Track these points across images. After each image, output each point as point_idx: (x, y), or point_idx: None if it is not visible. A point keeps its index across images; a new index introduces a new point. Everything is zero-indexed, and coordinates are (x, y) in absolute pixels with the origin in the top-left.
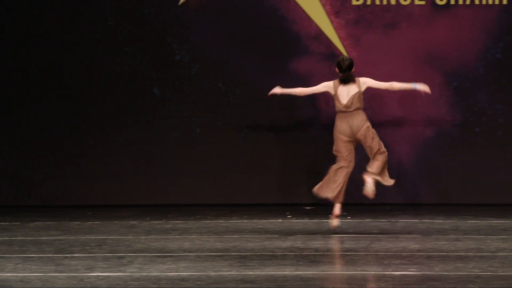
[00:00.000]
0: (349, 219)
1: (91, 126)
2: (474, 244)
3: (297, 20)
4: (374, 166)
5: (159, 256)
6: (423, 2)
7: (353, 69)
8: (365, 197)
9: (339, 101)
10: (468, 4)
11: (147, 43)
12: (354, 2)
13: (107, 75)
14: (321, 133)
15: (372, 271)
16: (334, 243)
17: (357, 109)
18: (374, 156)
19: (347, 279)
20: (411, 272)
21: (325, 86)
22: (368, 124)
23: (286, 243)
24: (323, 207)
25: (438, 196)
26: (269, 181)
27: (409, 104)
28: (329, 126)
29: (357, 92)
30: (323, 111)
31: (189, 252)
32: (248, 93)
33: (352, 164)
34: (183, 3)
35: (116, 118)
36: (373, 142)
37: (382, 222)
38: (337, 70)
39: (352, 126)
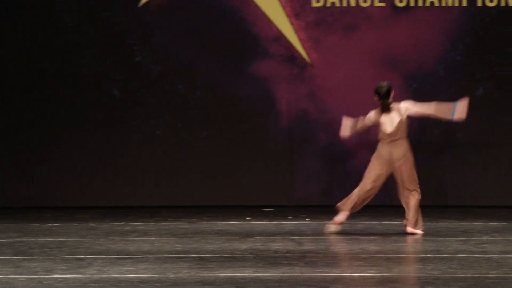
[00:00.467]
0: (308, 220)
1: (50, 128)
2: (433, 246)
3: (257, 22)
4: (411, 216)
5: (118, 258)
6: (383, 4)
7: (391, 95)
8: (325, 199)
9: (382, 129)
10: (428, 6)
11: (108, 44)
12: (314, 4)
13: (67, 77)
14: (280, 135)
15: (331, 273)
16: (294, 245)
17: (401, 138)
18: (407, 198)
19: (307, 281)
20: (370, 273)
21: (369, 119)
22: (408, 156)
23: (246, 245)
24: (283, 209)
25: (397, 198)
26: (229, 183)
27: (368, 105)
28: (288, 128)
29: (400, 121)
30: (283, 114)
31: (149, 254)
32: (208, 95)
33: (375, 192)
34: (144, 4)
35: (76, 120)
36: (407, 177)
37: (342, 224)
38: (376, 98)
39: (393, 154)
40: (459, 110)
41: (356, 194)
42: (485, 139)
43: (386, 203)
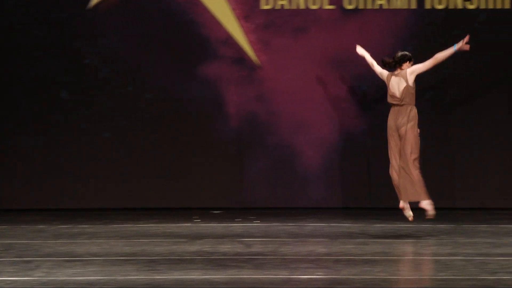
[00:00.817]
0: (257, 223)
1: None
2: (381, 248)
3: (206, 24)
4: (419, 189)
5: (67, 261)
6: (332, 7)
7: (406, 64)
8: (274, 201)
9: (389, 93)
10: (377, 9)
11: (56, 47)
12: (263, 6)
13: (16, 79)
14: (229, 137)
15: (279, 275)
16: (242, 247)
17: (407, 104)
18: (408, 171)
19: (255, 283)
20: (318, 275)
21: (382, 73)
22: (412, 123)
23: (194, 247)
24: (231, 211)
25: (346, 200)
26: (178, 185)
27: (317, 107)
28: (237, 130)
29: (406, 86)
30: (232, 117)
31: (97, 256)
32: (158, 97)
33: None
34: (92, 7)
35: (24, 122)
36: (411, 145)
37: (290, 226)
38: (389, 61)
39: (397, 119)
40: (460, 44)
41: (398, 182)
42: (436, 140)
43: (337, 205)
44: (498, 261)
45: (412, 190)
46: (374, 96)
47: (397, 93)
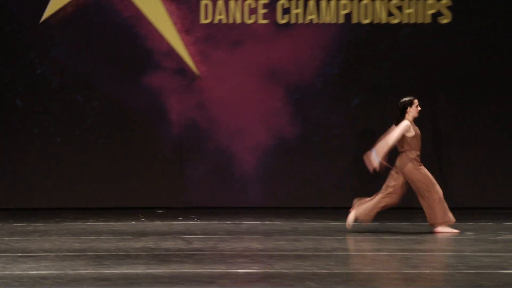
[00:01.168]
0: (197, 221)
1: None
2: (311, 244)
3: (149, 37)
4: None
5: (21, 256)
6: (266, 21)
7: (406, 111)
8: (212, 201)
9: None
10: (308, 23)
11: (11, 57)
12: (202, 21)
13: None
14: (170, 143)
15: (218, 269)
16: (184, 243)
17: (402, 151)
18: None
19: (196, 277)
20: (253, 270)
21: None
22: (409, 167)
23: (139, 243)
24: (173, 211)
25: (279, 200)
26: (124, 187)
27: (253, 115)
28: (178, 136)
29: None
30: (174, 123)
31: (49, 252)
32: (105, 105)
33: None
34: (44, 20)
35: None
36: (416, 184)
37: (228, 224)
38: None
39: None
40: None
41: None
42: (359, 145)
43: (271, 204)
44: (419, 256)
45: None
46: (305, 105)
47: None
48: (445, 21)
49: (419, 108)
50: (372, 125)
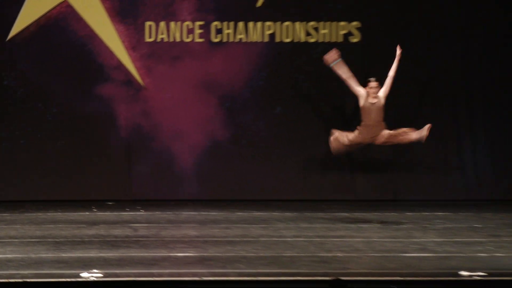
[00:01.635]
0: (142, 212)
1: None
2: (241, 231)
3: (101, 53)
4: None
5: None
6: (202, 40)
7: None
8: (156, 194)
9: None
10: (238, 42)
11: None
12: (147, 39)
13: None
14: (119, 144)
15: (160, 253)
16: (131, 231)
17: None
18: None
19: (141, 260)
20: (191, 254)
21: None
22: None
23: (92, 231)
24: (122, 203)
25: (212, 194)
26: (79, 181)
27: (190, 121)
28: (126, 138)
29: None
30: (122, 127)
31: (14, 238)
32: (62, 112)
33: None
34: (11, 38)
35: None
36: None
37: (168, 214)
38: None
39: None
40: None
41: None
42: (281, 147)
43: (207, 198)
44: (333, 242)
45: None
46: (235, 112)
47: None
48: (354, 40)
49: (373, 90)
50: (292, 129)
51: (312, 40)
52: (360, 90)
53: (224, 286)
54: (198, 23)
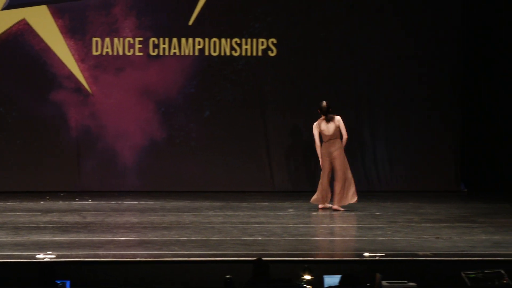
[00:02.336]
0: (90, 201)
1: None
2: (175, 218)
3: (54, 64)
4: (336, 195)
5: None
6: (141, 53)
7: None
8: (102, 186)
9: (324, 133)
10: (172, 55)
11: None
12: (94, 53)
13: None
14: (70, 143)
15: (105, 237)
16: (80, 218)
17: (336, 138)
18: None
19: (89, 243)
20: (132, 237)
21: (316, 129)
22: (341, 150)
23: (46, 218)
24: (72, 194)
25: (151, 186)
26: (34, 175)
27: (131, 123)
28: (76, 138)
29: (336, 127)
30: (73, 128)
31: None
32: (22, 115)
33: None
34: None
35: None
36: (339, 165)
37: (113, 204)
38: (319, 111)
39: (331, 149)
40: None
41: (320, 190)
42: (210, 146)
43: (144, 189)
44: (254, 227)
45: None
46: (170, 115)
47: (330, 132)
48: (272, 54)
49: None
50: (218, 130)
51: (236, 54)
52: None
53: (160, 266)
54: (138, 39)
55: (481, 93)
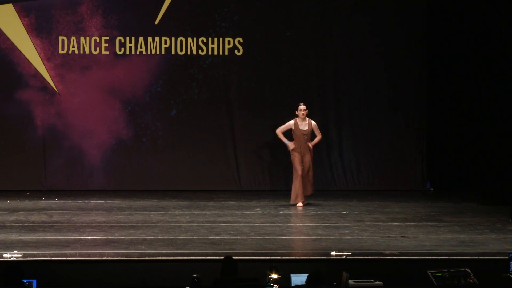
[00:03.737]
0: (56, 200)
1: None
2: (142, 217)
3: (20, 63)
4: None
5: None
6: (107, 52)
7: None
8: (68, 185)
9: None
10: (139, 54)
11: None
12: (60, 52)
13: None
14: (36, 141)
15: (72, 236)
16: (46, 217)
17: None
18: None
19: (55, 242)
20: (99, 237)
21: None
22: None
23: (13, 217)
24: (38, 193)
25: (117, 185)
26: (1, 173)
27: (98, 121)
28: (42, 136)
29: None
30: (39, 127)
31: None
32: None
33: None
34: None
35: None
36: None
37: (79, 202)
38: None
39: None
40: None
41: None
42: (175, 143)
43: (111, 188)
44: (221, 226)
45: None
46: (136, 114)
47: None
48: (238, 53)
49: (302, 112)
50: (185, 129)
51: (202, 53)
52: (288, 124)
53: (127, 265)
54: (104, 37)
55: (446, 92)
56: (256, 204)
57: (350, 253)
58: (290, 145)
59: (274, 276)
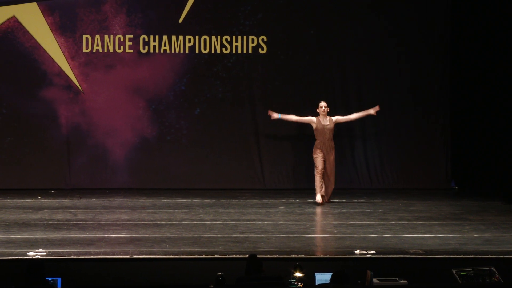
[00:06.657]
0: (80, 198)
1: None
2: (166, 216)
3: (44, 62)
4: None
5: None
6: (131, 51)
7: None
8: (93, 183)
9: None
10: (163, 53)
11: None
12: (84, 50)
13: None
14: (60, 140)
15: (97, 234)
16: (71, 215)
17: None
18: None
19: (80, 240)
20: (123, 235)
21: (311, 120)
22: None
23: (37, 215)
24: (63, 191)
25: (141, 183)
26: (26, 172)
27: (122, 120)
28: (66, 135)
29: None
30: (63, 125)
31: None
32: (12, 112)
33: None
34: None
35: None
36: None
37: (103, 201)
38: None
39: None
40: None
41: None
42: (201, 142)
43: (135, 187)
44: (246, 225)
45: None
46: (160, 113)
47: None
48: (262, 52)
49: (323, 108)
50: (209, 127)
51: (226, 52)
52: (310, 118)
53: (151, 263)
54: (128, 36)
55: (470, 89)
56: (280, 202)
57: (374, 252)
58: (275, 115)
59: (298, 274)
